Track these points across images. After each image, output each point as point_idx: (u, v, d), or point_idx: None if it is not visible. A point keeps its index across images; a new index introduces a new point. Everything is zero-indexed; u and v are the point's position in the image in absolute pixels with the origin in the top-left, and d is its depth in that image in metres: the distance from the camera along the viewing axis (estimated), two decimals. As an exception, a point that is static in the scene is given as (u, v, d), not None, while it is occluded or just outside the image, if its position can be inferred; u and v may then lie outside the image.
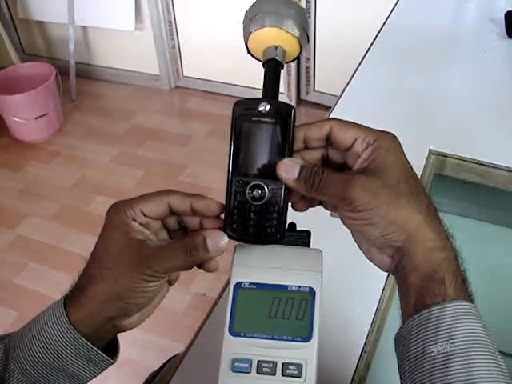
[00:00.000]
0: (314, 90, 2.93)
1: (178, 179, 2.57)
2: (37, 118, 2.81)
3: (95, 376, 0.54)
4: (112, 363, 0.55)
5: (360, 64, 1.30)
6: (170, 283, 0.58)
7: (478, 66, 1.29)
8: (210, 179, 2.49)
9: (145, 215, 0.53)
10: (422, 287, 0.46)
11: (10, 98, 2.72)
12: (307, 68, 2.85)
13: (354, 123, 0.51)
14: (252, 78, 2.72)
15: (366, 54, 1.33)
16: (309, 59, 2.81)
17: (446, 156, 1.01)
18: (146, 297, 0.52)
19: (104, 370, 0.54)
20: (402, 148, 0.50)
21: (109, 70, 3.33)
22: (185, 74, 3.20)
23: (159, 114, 3.06)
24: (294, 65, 2.80)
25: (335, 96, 1.22)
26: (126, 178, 2.62)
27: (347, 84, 1.24)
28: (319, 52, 2.77)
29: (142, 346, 1.88)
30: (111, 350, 0.55)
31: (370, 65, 1.30)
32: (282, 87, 2.88)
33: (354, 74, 1.27)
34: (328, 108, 1.19)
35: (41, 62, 3.02)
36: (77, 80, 3.15)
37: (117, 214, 0.52)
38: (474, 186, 1.05)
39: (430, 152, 1.01)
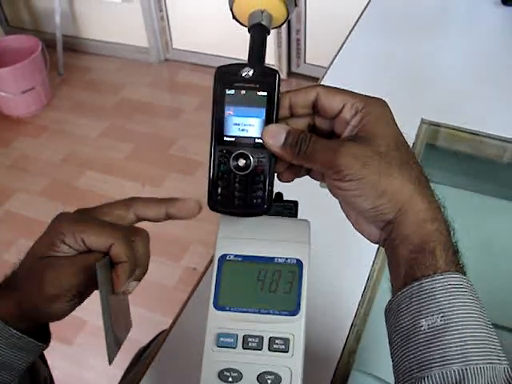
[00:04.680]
0: (304, 62, 2.89)
1: (168, 153, 2.54)
2: (23, 92, 2.77)
3: (29, 363, 0.53)
4: (44, 348, 0.54)
5: (350, 34, 1.28)
6: None
7: (471, 34, 1.27)
8: (200, 152, 2.47)
9: (85, 244, 0.51)
10: (412, 259, 0.44)
11: (-6, 72, 2.67)
12: (298, 40, 2.81)
13: (342, 89, 0.49)
14: (243, 50, 2.68)
15: (355, 24, 1.31)
16: (299, 31, 2.77)
17: (438, 125, 1.00)
18: (60, 309, 0.51)
19: (37, 355, 0.54)
20: (392, 115, 0.48)
21: (96, 43, 3.27)
22: (174, 47, 3.15)
23: (148, 88, 3.03)
24: (284, 37, 2.76)
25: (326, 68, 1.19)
26: (116, 152, 2.59)
27: (336, 55, 1.22)
28: (310, 24, 2.73)
29: (132, 321, 1.88)
30: (42, 333, 0.55)
31: (359, 34, 1.27)
32: (273, 60, 2.85)
33: (343, 45, 1.24)
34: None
35: (26, 34, 2.96)
36: (64, 53, 3.10)
37: (55, 231, 0.51)
38: (467, 157, 1.03)
39: (423, 121, 1.00)
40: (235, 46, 2.76)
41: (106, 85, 3.08)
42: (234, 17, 0.57)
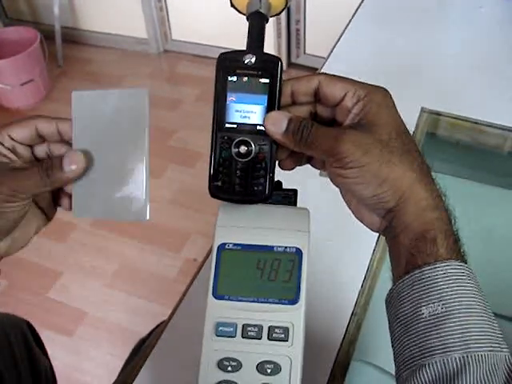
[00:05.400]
0: (304, 52, 2.88)
1: (168, 144, 2.53)
2: (22, 85, 2.75)
3: None
4: None
5: (349, 23, 1.27)
6: (48, 216, 0.59)
7: (472, 23, 1.26)
8: (200, 144, 2.45)
9: (12, 139, 0.54)
10: (413, 247, 0.44)
11: (-7, 64, 2.65)
12: (297, 30, 2.80)
13: (344, 77, 0.49)
14: (242, 40, 2.66)
15: (355, 13, 1.30)
16: (299, 21, 2.76)
17: (438, 114, 0.99)
18: (7, 218, 0.52)
19: None
20: (394, 103, 0.48)
21: (95, 35, 3.26)
22: (173, 38, 3.14)
23: (148, 79, 3.01)
24: (284, 27, 2.74)
25: (326, 59, 1.19)
26: (115, 143, 2.57)
27: (335, 44, 1.21)
28: (309, 14, 2.72)
29: (132, 313, 1.88)
30: None
31: (359, 24, 1.27)
32: (272, 50, 2.83)
33: (342, 34, 1.24)
34: (318, 70, 1.16)
35: (25, 26, 2.94)
36: (63, 45, 3.08)
37: None
38: (467, 146, 1.03)
39: (423, 110, 0.99)
40: (235, 36, 2.74)
41: (106, 76, 3.06)
42: (232, 5, 0.56)
